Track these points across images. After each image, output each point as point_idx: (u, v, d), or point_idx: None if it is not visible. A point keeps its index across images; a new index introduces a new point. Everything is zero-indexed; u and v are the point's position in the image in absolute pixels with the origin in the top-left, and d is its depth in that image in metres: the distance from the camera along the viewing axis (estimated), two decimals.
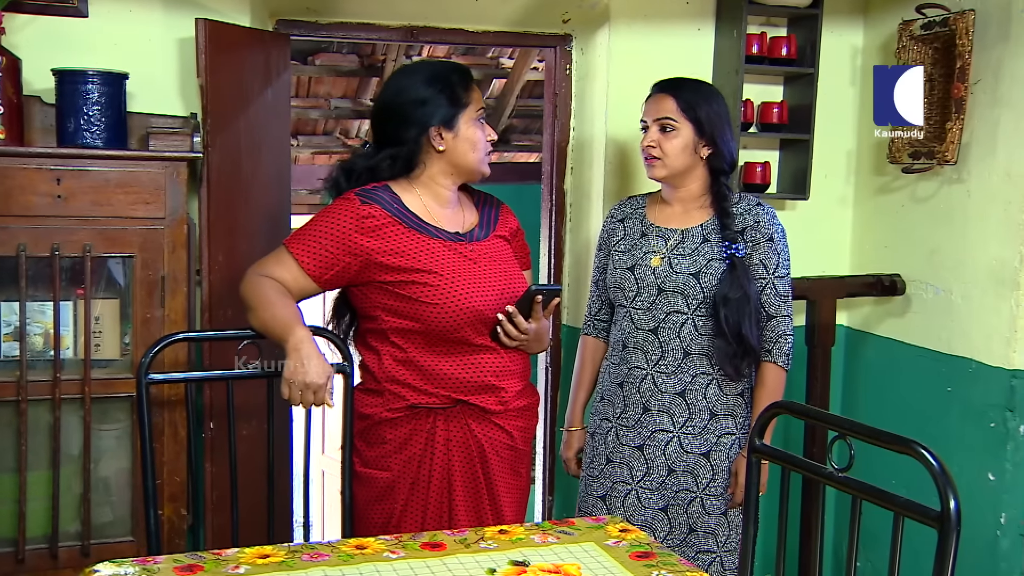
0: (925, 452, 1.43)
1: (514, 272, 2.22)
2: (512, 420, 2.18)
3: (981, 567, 2.76)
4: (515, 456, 2.21)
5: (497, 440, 2.16)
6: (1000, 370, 2.72)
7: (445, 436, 2.12)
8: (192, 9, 2.64)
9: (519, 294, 2.15)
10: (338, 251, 2.07)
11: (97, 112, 2.43)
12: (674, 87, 2.36)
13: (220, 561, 1.61)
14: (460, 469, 2.13)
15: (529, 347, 2.20)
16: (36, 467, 2.45)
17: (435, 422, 2.12)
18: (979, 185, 2.77)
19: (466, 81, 2.15)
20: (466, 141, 2.13)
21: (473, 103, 2.14)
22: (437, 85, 2.11)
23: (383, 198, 2.12)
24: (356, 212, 2.08)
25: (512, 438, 2.18)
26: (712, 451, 2.35)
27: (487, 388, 2.12)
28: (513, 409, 2.18)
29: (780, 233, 2.37)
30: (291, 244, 2.09)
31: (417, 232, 2.11)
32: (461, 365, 2.11)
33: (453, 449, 2.12)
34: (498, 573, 1.60)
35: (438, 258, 2.10)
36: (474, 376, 2.11)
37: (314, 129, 6.73)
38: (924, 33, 2.84)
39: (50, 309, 2.43)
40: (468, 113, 2.13)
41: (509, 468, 2.20)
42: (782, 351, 2.35)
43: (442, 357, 2.10)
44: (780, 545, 1.76)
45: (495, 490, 2.16)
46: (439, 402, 2.11)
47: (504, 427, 2.16)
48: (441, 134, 2.12)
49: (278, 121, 2.88)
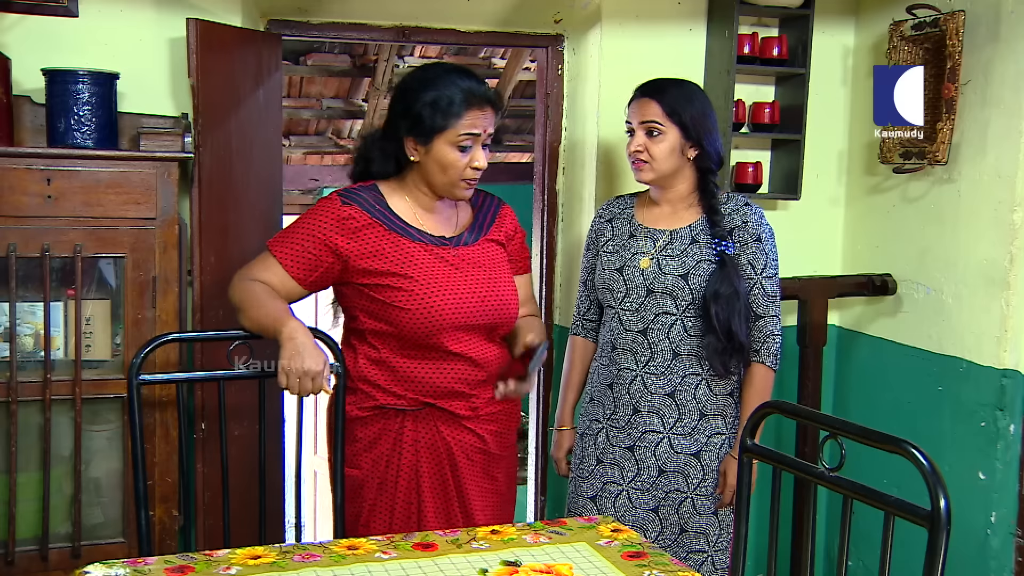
0: (916, 451, 1.43)
1: (500, 278, 2.18)
2: (484, 425, 2.16)
3: (971, 566, 2.77)
4: (488, 460, 2.19)
5: (467, 443, 2.15)
6: (990, 369, 2.73)
7: (413, 437, 2.12)
8: (183, 9, 2.63)
9: (503, 302, 2.14)
10: (320, 252, 2.06)
11: (88, 112, 2.42)
12: (658, 91, 2.34)
13: (211, 562, 1.60)
14: (428, 471, 2.13)
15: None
16: (26, 468, 2.45)
17: (403, 423, 2.11)
18: (969, 185, 2.78)
19: (464, 105, 2.04)
20: (435, 163, 2.07)
21: (460, 128, 2.03)
22: (431, 98, 2.03)
23: (365, 199, 2.11)
24: (336, 213, 2.08)
25: (484, 442, 2.17)
26: (702, 451, 2.36)
27: (457, 394, 2.11)
28: (485, 414, 2.16)
29: (768, 233, 2.37)
30: (274, 247, 2.09)
31: (397, 235, 2.09)
32: (433, 370, 2.10)
33: (421, 450, 2.12)
34: (490, 573, 1.60)
35: (415, 263, 2.08)
36: (445, 382, 2.10)
37: (306, 129, 6.73)
38: (915, 33, 2.85)
39: (40, 310, 2.42)
40: (448, 135, 2.04)
41: (481, 471, 2.18)
42: (770, 351, 2.36)
43: (414, 360, 2.09)
44: (772, 545, 1.76)
45: (465, 493, 2.15)
46: (407, 404, 2.11)
47: (475, 431, 2.15)
48: (416, 147, 2.08)
49: (270, 121, 2.88)
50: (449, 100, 2.04)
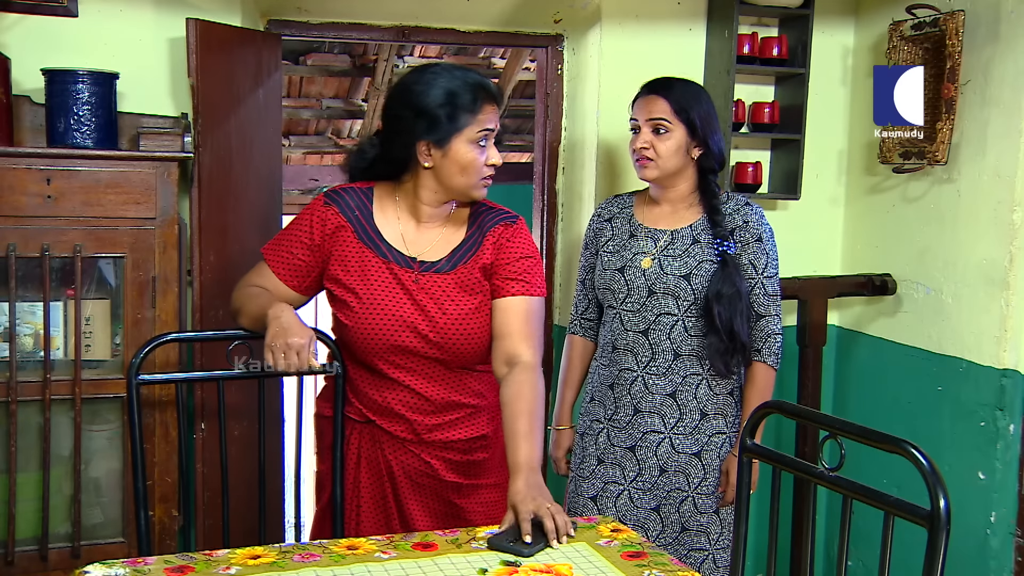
0: (915, 451, 1.43)
1: (461, 312, 2.02)
2: (433, 451, 2.08)
3: (971, 566, 2.77)
4: (439, 486, 2.10)
5: (410, 466, 2.09)
6: (990, 369, 2.73)
7: (356, 448, 2.12)
8: (183, 9, 2.63)
9: (453, 334, 2.00)
10: (307, 258, 2.06)
11: (87, 112, 2.42)
12: (665, 88, 2.35)
13: (211, 562, 1.60)
14: (368, 484, 2.12)
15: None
16: (26, 468, 2.45)
17: (351, 433, 2.12)
18: (969, 185, 2.78)
19: (477, 101, 1.96)
20: (455, 163, 1.97)
21: (476, 124, 1.96)
22: (442, 99, 1.95)
23: (347, 201, 2.06)
24: (320, 213, 2.07)
25: (432, 468, 2.08)
26: (703, 451, 2.36)
27: (397, 416, 2.07)
28: (436, 440, 2.07)
29: (768, 233, 2.37)
30: (267, 254, 2.09)
31: (364, 246, 2.04)
32: (376, 387, 2.07)
33: (362, 463, 2.12)
34: (490, 573, 1.60)
35: (367, 279, 2.03)
36: (384, 402, 2.07)
37: (306, 129, 6.73)
38: (914, 33, 2.85)
39: (40, 310, 2.42)
40: (466, 134, 1.96)
41: (431, 493, 2.10)
42: (771, 351, 2.36)
43: (363, 372, 2.09)
44: (771, 544, 1.76)
45: (407, 512, 2.10)
46: (354, 415, 2.11)
47: (420, 456, 2.08)
48: (430, 151, 1.98)
49: (269, 121, 2.88)
50: (464, 98, 1.95)
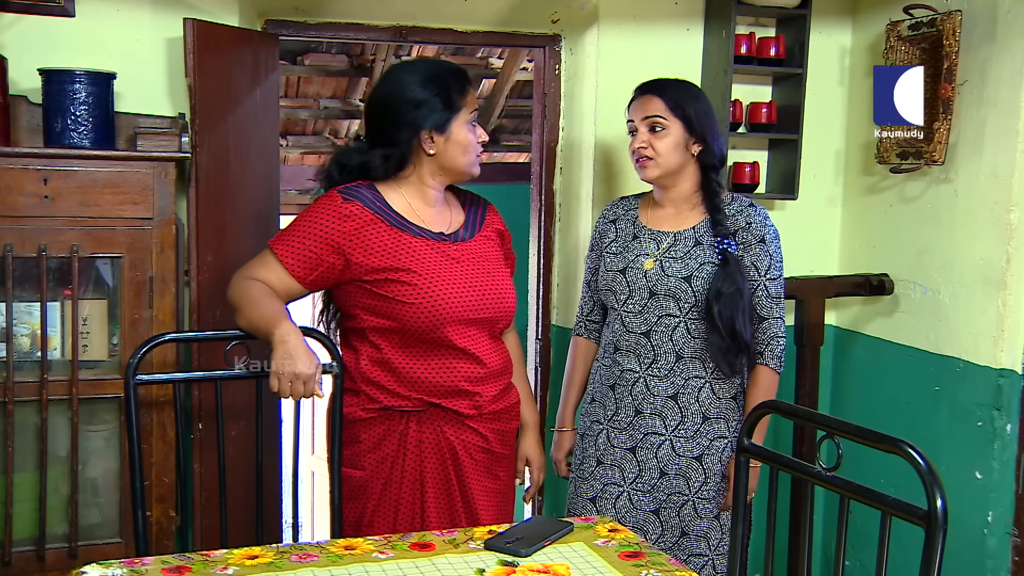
0: (912, 451, 1.44)
1: (500, 273, 2.21)
2: (488, 423, 2.17)
3: (968, 566, 2.77)
4: (491, 459, 2.20)
5: (471, 443, 2.15)
6: (987, 369, 2.73)
7: (417, 438, 2.12)
8: (180, 9, 2.63)
9: (501, 296, 2.17)
10: (322, 251, 2.07)
11: (84, 112, 2.41)
12: (659, 87, 2.36)
13: (208, 562, 1.60)
14: (432, 471, 2.13)
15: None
16: (23, 469, 2.44)
17: (408, 424, 2.12)
18: (966, 185, 2.78)
19: (462, 84, 2.14)
20: (457, 145, 2.13)
21: (467, 106, 2.13)
22: (433, 87, 2.10)
23: (365, 196, 2.12)
24: (338, 211, 2.08)
25: (487, 441, 2.17)
26: (704, 454, 2.35)
27: (461, 393, 2.12)
28: (488, 413, 2.17)
29: (772, 234, 2.36)
30: (275, 245, 2.09)
31: (399, 230, 2.11)
32: (435, 369, 2.10)
33: (425, 451, 2.12)
34: (487, 573, 1.60)
35: (419, 257, 2.09)
36: (448, 380, 2.10)
37: (303, 129, 6.72)
38: (912, 34, 2.85)
39: (37, 310, 2.41)
40: (461, 117, 2.12)
41: (485, 471, 2.19)
42: (774, 353, 2.35)
43: (417, 359, 2.09)
44: (769, 544, 1.77)
45: (469, 493, 2.16)
46: (412, 405, 2.11)
47: (479, 430, 2.15)
48: (432, 137, 2.11)
49: (267, 121, 2.87)
50: (452, 84, 2.12)
